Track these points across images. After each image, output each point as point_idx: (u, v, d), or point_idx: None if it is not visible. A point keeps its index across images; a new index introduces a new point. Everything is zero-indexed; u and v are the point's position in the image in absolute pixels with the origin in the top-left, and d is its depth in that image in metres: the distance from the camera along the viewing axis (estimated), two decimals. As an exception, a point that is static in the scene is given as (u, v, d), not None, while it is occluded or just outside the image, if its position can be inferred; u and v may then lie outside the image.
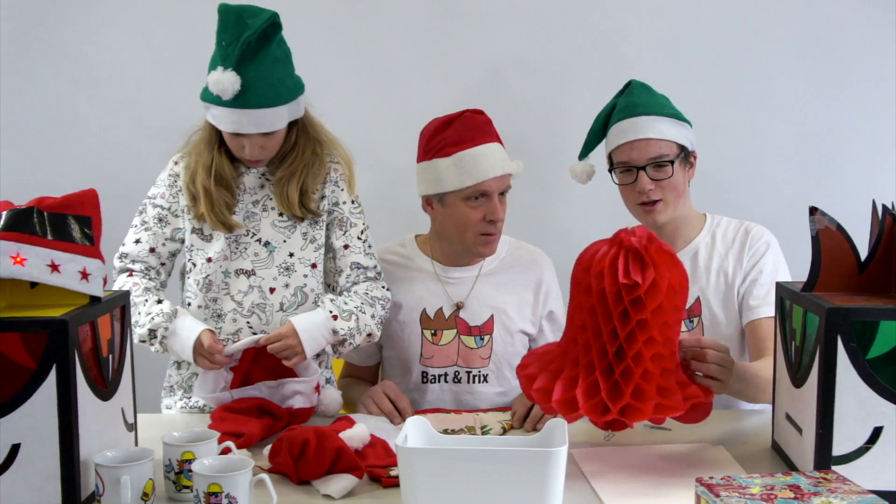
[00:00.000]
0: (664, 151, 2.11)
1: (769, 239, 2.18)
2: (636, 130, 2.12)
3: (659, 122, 2.12)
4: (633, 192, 2.14)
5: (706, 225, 2.23)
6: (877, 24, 2.76)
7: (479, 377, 2.18)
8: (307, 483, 1.64)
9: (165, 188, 2.11)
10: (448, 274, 2.23)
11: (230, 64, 1.91)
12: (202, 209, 2.04)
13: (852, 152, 2.81)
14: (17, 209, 1.56)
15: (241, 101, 1.93)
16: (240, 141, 2.00)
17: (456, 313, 2.19)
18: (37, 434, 1.45)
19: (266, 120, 1.97)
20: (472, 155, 2.10)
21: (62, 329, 1.45)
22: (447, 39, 2.80)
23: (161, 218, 2.10)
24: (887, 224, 1.64)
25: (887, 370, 1.50)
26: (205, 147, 2.06)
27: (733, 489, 1.36)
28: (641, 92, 2.19)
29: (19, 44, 2.77)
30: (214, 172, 2.04)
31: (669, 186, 2.12)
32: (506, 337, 2.19)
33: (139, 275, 2.08)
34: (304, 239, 2.10)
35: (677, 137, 2.12)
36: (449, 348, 2.18)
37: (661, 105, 2.16)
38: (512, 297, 2.22)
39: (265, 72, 1.94)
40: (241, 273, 2.07)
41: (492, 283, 2.22)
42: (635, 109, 2.14)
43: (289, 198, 2.06)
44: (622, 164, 2.15)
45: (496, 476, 1.40)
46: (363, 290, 2.10)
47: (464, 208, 2.12)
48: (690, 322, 2.15)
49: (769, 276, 2.12)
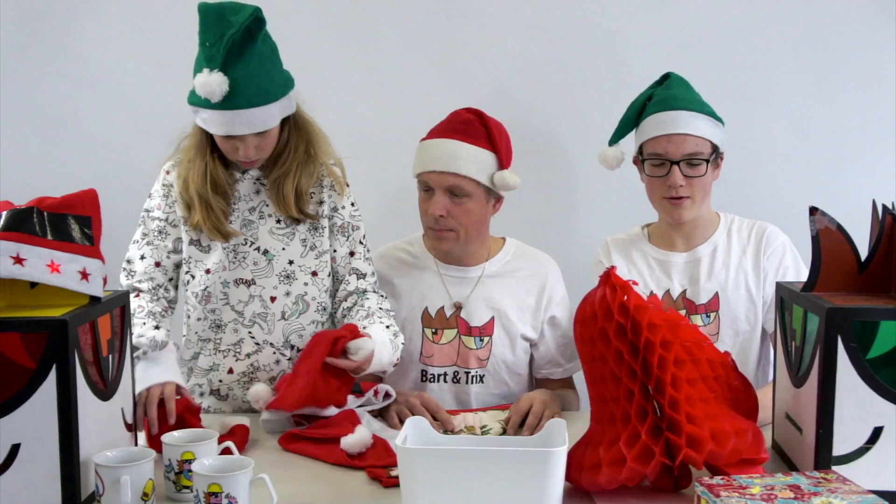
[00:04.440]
0: (700, 149, 2.10)
1: (784, 239, 2.20)
2: (675, 124, 2.10)
3: (698, 119, 2.11)
4: (663, 186, 2.12)
5: (721, 223, 2.24)
6: (877, 24, 2.76)
7: (475, 377, 2.17)
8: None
9: (160, 199, 2.07)
10: (450, 273, 2.22)
11: (216, 65, 1.84)
12: (197, 218, 1.99)
13: (852, 152, 2.81)
14: (17, 209, 1.56)
15: (231, 103, 1.87)
16: (233, 143, 1.94)
17: (457, 313, 2.19)
18: (37, 434, 1.45)
19: (258, 119, 1.91)
20: (428, 145, 2.14)
21: (62, 329, 1.45)
22: (447, 39, 2.80)
23: (161, 230, 2.06)
24: (887, 224, 1.64)
25: (887, 370, 1.50)
26: (196, 153, 2.00)
27: (733, 489, 1.36)
28: (681, 86, 2.18)
29: (19, 44, 2.77)
30: (209, 179, 1.99)
31: (699, 185, 2.12)
32: (505, 339, 2.19)
33: (147, 295, 2.04)
34: (304, 246, 2.08)
35: (713, 137, 2.12)
36: (449, 348, 2.18)
37: (700, 102, 2.15)
38: (513, 301, 2.21)
39: (253, 70, 1.88)
40: (241, 283, 2.05)
41: (494, 284, 2.22)
42: (675, 103, 2.12)
43: (285, 198, 2.02)
44: (656, 157, 2.12)
45: (496, 476, 1.40)
46: (378, 306, 2.09)
47: (420, 197, 2.18)
48: (707, 317, 2.16)
49: (793, 278, 2.14)
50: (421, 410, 1.95)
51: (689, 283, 2.19)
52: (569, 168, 2.80)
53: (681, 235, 2.21)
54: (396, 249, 2.30)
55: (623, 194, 2.27)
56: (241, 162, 2.00)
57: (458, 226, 2.13)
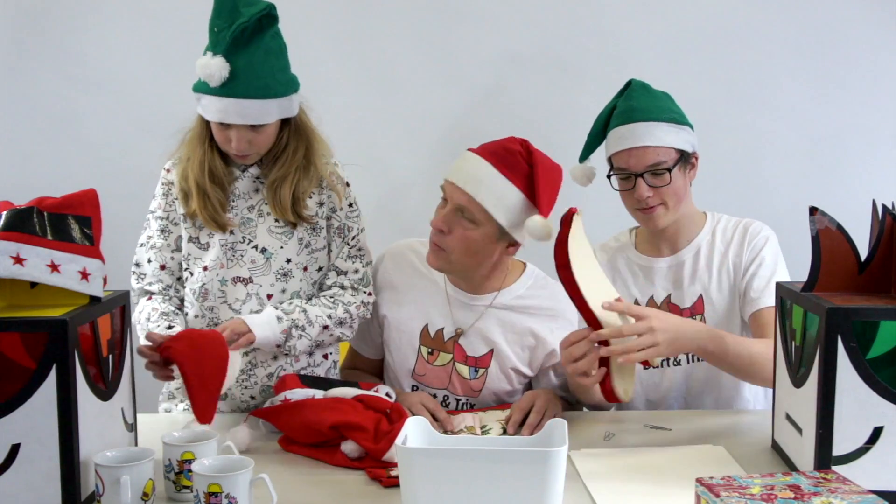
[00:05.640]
0: (662, 158, 2.08)
1: (767, 233, 2.17)
2: (634, 137, 2.09)
3: (656, 129, 2.09)
4: (632, 198, 2.13)
5: (707, 223, 2.23)
6: (877, 25, 2.76)
7: (466, 405, 2.14)
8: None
9: (161, 198, 2.08)
10: (457, 296, 2.13)
11: (219, 50, 1.87)
12: (194, 206, 2.00)
13: (852, 152, 2.81)
14: (17, 209, 1.56)
15: (229, 90, 1.89)
16: (226, 133, 1.95)
17: (455, 339, 2.12)
18: (37, 434, 1.45)
19: (252, 111, 1.91)
20: (464, 156, 2.02)
21: (62, 329, 1.45)
22: (447, 39, 2.80)
23: (163, 229, 2.07)
24: (887, 224, 1.64)
25: (887, 370, 1.50)
26: (197, 143, 2.02)
27: (733, 489, 1.36)
28: (641, 95, 2.16)
29: (19, 44, 2.77)
30: (207, 169, 2.00)
31: (669, 192, 2.10)
32: (500, 375, 2.12)
33: (159, 297, 2.07)
34: (300, 244, 2.08)
35: (675, 143, 2.10)
36: (442, 371, 2.12)
37: (659, 109, 2.13)
38: (515, 337, 2.11)
39: (256, 62, 1.89)
40: (239, 281, 2.05)
41: (499, 318, 2.12)
42: (633, 115, 2.11)
43: (282, 201, 2.01)
44: (621, 171, 2.13)
45: (496, 476, 1.39)
46: (329, 294, 2.10)
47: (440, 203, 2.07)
48: (693, 319, 2.15)
49: (769, 269, 2.11)
50: (420, 410, 1.94)
51: (672, 287, 2.18)
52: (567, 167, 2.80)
53: (664, 239, 2.21)
54: (411, 253, 2.19)
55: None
56: (234, 155, 2.00)
57: (451, 249, 2.00)
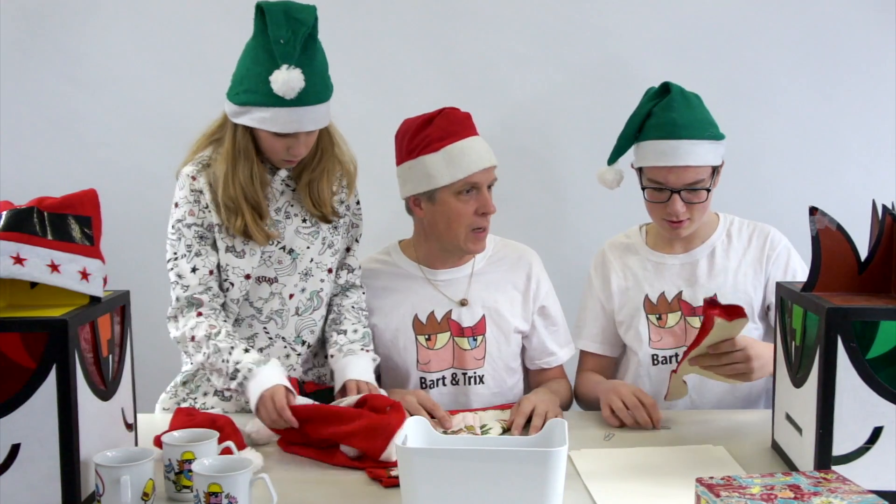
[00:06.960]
0: (701, 177, 2.07)
1: (787, 243, 2.20)
2: (676, 156, 2.05)
3: (699, 147, 2.06)
4: (663, 210, 2.11)
5: (720, 224, 2.24)
6: (877, 25, 2.76)
7: (475, 378, 2.17)
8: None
9: (191, 205, 1.98)
10: (438, 276, 2.20)
11: (293, 61, 1.83)
12: (241, 222, 1.94)
13: (852, 152, 2.81)
14: (17, 209, 1.56)
15: (302, 99, 1.86)
16: (286, 142, 1.91)
17: (448, 315, 2.17)
18: (37, 434, 1.45)
19: (322, 116, 1.93)
20: (461, 148, 2.07)
21: (62, 329, 1.45)
22: (447, 39, 2.80)
23: (202, 236, 1.99)
24: (887, 224, 1.64)
25: (887, 370, 1.50)
26: (242, 156, 1.94)
27: (733, 489, 1.36)
28: (682, 106, 2.09)
29: (19, 44, 2.77)
30: (259, 182, 1.96)
31: (700, 207, 2.10)
32: (499, 337, 2.18)
33: (210, 313, 1.97)
34: (324, 244, 2.09)
35: (714, 161, 2.09)
36: (444, 352, 2.16)
37: (700, 125, 2.08)
38: (503, 296, 2.20)
39: (318, 67, 1.89)
40: (264, 280, 2.04)
41: (483, 281, 2.21)
42: (676, 131, 2.06)
43: (321, 198, 2.02)
44: (657, 184, 2.09)
45: (496, 476, 1.39)
46: (352, 303, 2.12)
47: (455, 203, 2.08)
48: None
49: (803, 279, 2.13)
50: (417, 409, 1.95)
51: (685, 284, 2.19)
52: (567, 168, 2.80)
53: (679, 241, 2.22)
54: (373, 262, 2.26)
55: (619, 194, 2.27)
56: (285, 161, 1.98)
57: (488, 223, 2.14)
